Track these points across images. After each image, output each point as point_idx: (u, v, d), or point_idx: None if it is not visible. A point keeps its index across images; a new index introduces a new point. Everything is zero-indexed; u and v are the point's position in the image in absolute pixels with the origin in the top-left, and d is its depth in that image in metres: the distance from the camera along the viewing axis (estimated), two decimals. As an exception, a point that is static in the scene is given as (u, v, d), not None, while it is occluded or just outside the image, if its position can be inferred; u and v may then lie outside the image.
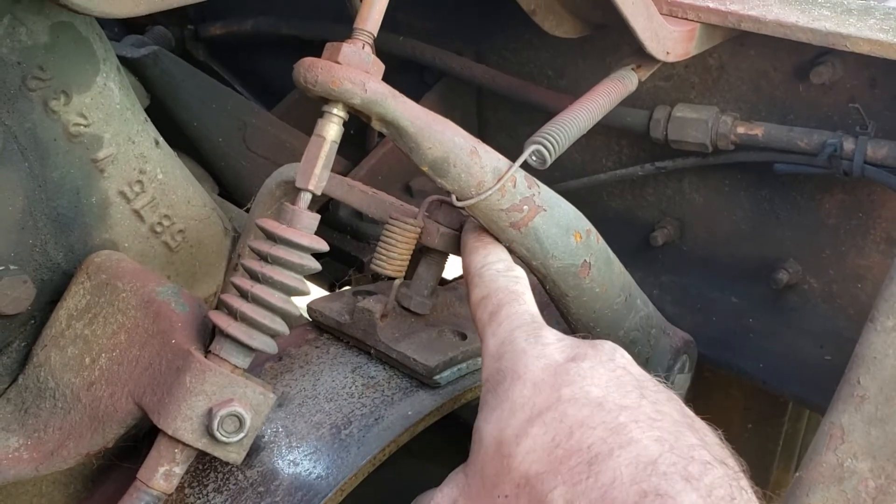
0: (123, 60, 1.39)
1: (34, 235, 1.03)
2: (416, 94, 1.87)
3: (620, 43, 1.53)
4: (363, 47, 0.91)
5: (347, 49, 0.89)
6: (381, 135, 1.81)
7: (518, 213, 0.96)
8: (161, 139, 1.16)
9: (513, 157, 0.99)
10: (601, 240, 1.04)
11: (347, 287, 1.50)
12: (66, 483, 1.06)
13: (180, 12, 2.03)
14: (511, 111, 1.76)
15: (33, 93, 0.99)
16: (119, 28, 1.89)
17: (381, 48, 0.94)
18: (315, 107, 0.93)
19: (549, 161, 1.01)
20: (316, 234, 0.92)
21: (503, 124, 1.79)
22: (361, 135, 1.80)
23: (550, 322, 0.90)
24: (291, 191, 1.24)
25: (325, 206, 1.65)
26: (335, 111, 0.91)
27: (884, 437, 0.81)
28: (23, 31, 0.96)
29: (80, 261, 1.06)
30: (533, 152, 1.00)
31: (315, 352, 1.11)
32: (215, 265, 1.25)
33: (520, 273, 0.93)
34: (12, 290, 0.98)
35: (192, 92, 1.48)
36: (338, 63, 0.89)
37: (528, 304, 0.89)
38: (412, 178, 1.74)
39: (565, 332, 0.85)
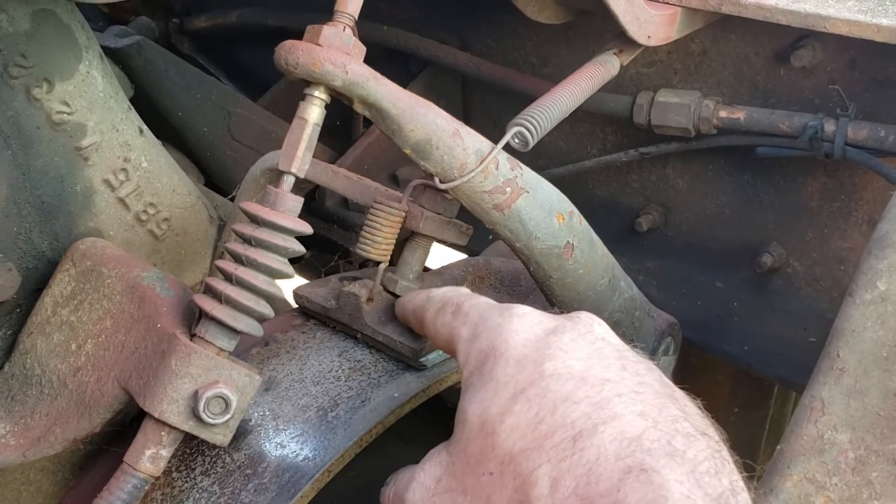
0: (107, 50, 1.39)
1: (18, 223, 1.03)
2: (401, 84, 1.87)
3: (603, 29, 1.53)
4: (343, 29, 0.92)
5: (328, 31, 0.90)
6: (366, 124, 1.83)
7: (501, 195, 0.97)
8: (145, 127, 1.16)
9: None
10: (584, 221, 1.05)
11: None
12: (55, 471, 1.07)
13: (165, 5, 2.03)
14: (496, 99, 1.77)
15: (15, 80, 0.99)
16: (103, 20, 1.89)
17: (364, 38, 0.94)
18: (300, 96, 0.93)
19: (532, 143, 1.02)
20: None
21: (489, 113, 1.80)
22: (347, 124, 1.81)
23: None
24: (276, 178, 1.24)
25: (310, 194, 1.65)
26: (317, 94, 0.91)
27: (863, 409, 0.82)
28: (3, 17, 0.96)
29: (65, 249, 1.06)
30: (515, 134, 1.01)
31: (301, 337, 1.12)
32: (201, 253, 1.26)
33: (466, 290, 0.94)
34: (-3, 277, 0.98)
35: (176, 82, 1.48)
36: (318, 45, 0.89)
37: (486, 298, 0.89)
38: (398, 168, 1.75)
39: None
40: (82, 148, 1.07)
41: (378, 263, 1.07)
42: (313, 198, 1.68)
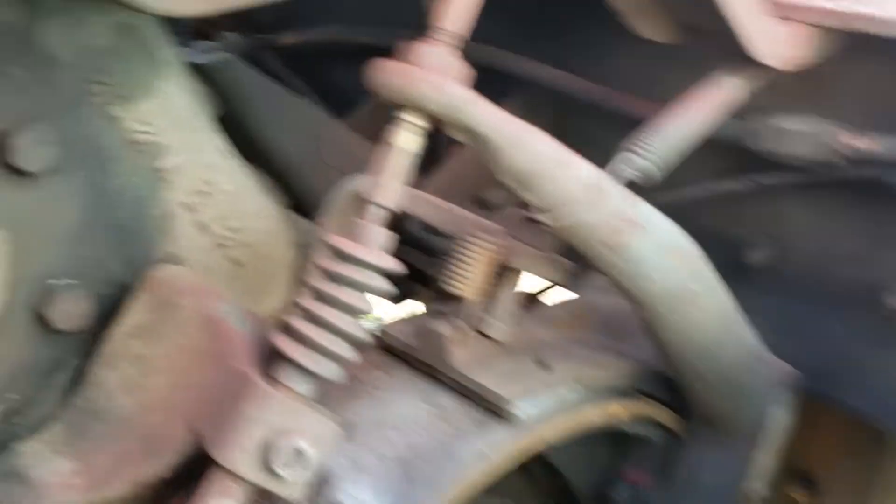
0: (193, 67, 1.35)
1: (92, 248, 0.97)
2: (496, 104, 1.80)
3: (720, 49, 1.42)
4: (442, 47, 0.83)
5: (424, 49, 0.82)
6: (452, 140, 1.75)
7: (612, 232, 0.87)
8: (230, 149, 1.10)
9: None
10: (705, 263, 0.94)
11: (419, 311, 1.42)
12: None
13: (252, 21, 1.99)
14: (596, 121, 1.66)
15: (94, 98, 0.94)
16: (190, 36, 1.86)
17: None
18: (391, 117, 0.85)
19: (654, 175, 0.91)
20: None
21: (583, 132, 1.69)
22: (431, 140, 1.72)
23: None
24: (359, 201, 1.17)
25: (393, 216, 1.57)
26: (409, 118, 0.83)
27: None
28: (84, 32, 0.92)
29: (141, 275, 1.01)
30: (632, 165, 0.90)
31: (384, 377, 1.04)
32: (282, 281, 1.19)
33: None
34: (69, 305, 0.93)
35: (264, 102, 1.42)
36: (413, 65, 0.81)
37: None
38: (487, 190, 1.66)
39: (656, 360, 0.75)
40: (163, 169, 1.01)
41: (467, 300, 0.98)
42: (394, 218, 1.60)
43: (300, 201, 1.54)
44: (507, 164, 0.85)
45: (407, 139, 0.83)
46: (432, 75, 0.80)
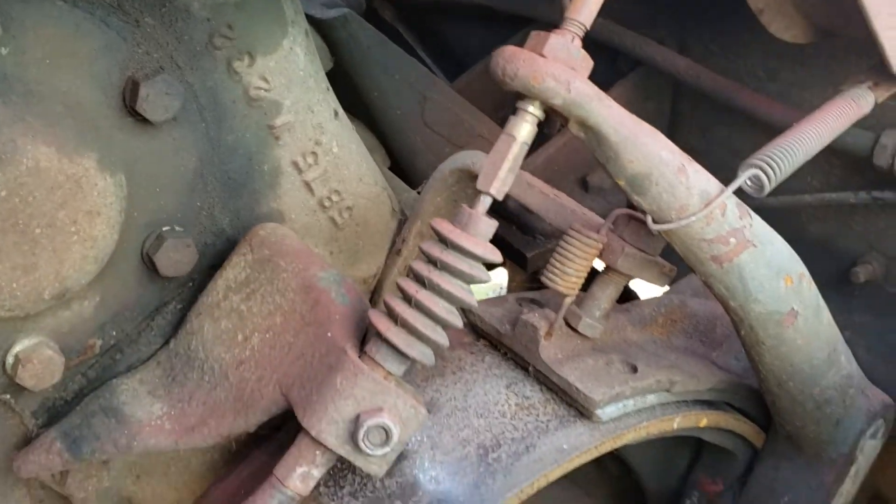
0: (311, 20, 1.35)
1: (203, 198, 0.99)
2: (606, 82, 1.74)
3: (849, 52, 1.35)
4: (573, 40, 0.81)
5: (555, 41, 0.79)
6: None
7: (723, 246, 0.84)
8: (340, 110, 1.10)
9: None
10: (813, 287, 0.91)
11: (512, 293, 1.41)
12: (204, 451, 1.04)
13: (373, -29, 1.98)
14: (710, 110, 1.60)
15: (218, 51, 0.95)
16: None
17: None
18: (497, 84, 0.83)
19: (768, 188, 0.88)
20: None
21: (698, 123, 1.64)
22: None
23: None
24: (465, 179, 1.16)
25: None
26: (531, 109, 0.81)
27: None
28: (218, -15, 0.92)
29: (246, 228, 1.03)
30: (750, 177, 0.87)
31: (469, 358, 1.04)
32: (379, 246, 1.19)
33: None
34: (175, 252, 0.95)
35: (376, 60, 1.41)
36: (542, 56, 0.79)
37: None
38: (590, 173, 1.63)
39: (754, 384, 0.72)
40: (275, 127, 1.02)
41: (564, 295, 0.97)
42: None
43: (399, 160, 1.54)
44: (624, 165, 0.82)
45: (525, 130, 0.82)
46: (560, 69, 0.78)
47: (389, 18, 2.02)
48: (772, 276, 0.86)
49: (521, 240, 1.49)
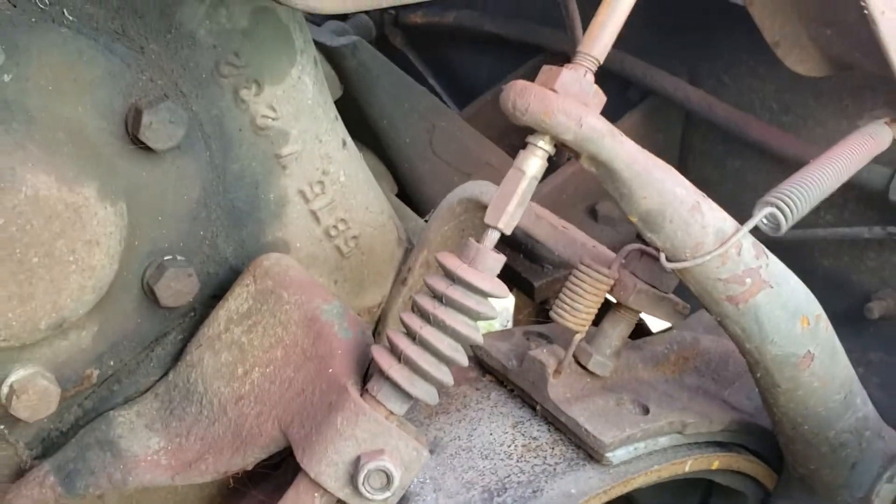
0: (321, 48, 1.33)
1: (206, 227, 0.98)
2: (616, 112, 1.73)
3: (864, 87, 1.33)
4: (585, 75, 0.79)
5: (567, 76, 0.77)
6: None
7: (738, 286, 0.82)
8: (349, 140, 1.09)
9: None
10: (830, 328, 0.88)
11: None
12: (202, 486, 1.02)
13: (384, -4, 1.97)
14: (721, 141, 1.59)
15: (225, 79, 0.93)
16: (321, 16, 1.85)
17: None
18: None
19: (785, 228, 0.85)
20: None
21: (709, 154, 1.62)
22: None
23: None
24: (473, 209, 1.14)
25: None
26: (541, 144, 0.79)
27: None
28: (223, 13, 0.91)
29: (250, 257, 1.01)
30: (767, 215, 0.85)
31: (475, 395, 1.01)
32: (384, 275, 1.17)
33: None
34: (176, 282, 0.94)
35: (386, 88, 1.40)
36: (554, 91, 0.77)
37: None
38: (599, 202, 1.60)
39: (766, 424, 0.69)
40: (282, 156, 1.01)
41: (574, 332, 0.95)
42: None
43: (406, 187, 1.52)
44: (637, 201, 0.80)
45: (535, 166, 0.80)
46: (571, 105, 0.76)
47: (399, 45, 2.01)
48: (788, 317, 0.84)
49: (529, 268, 1.46)
